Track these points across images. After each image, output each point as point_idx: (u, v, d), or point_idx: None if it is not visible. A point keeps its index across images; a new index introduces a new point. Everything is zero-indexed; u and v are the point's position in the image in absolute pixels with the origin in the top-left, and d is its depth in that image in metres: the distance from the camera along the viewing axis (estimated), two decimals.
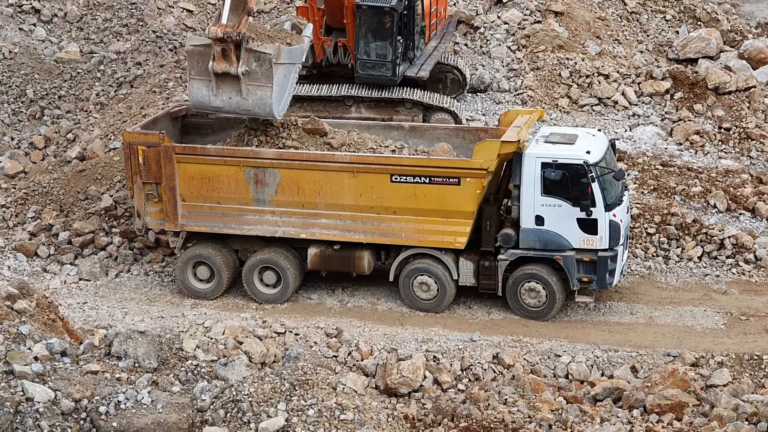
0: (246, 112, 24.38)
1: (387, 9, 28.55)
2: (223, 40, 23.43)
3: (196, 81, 24.36)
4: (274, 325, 23.50)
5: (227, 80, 23.90)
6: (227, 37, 23.39)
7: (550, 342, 23.19)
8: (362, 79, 29.42)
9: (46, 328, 18.34)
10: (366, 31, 28.92)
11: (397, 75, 29.20)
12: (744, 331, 23.62)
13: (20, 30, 34.27)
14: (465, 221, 23.80)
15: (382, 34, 28.89)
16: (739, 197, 27.68)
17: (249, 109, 24.19)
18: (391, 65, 29.05)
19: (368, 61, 29.20)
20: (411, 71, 29.55)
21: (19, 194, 28.67)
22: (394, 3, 28.47)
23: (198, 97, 24.48)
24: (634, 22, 35.69)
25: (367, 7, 28.64)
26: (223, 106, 24.36)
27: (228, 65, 23.69)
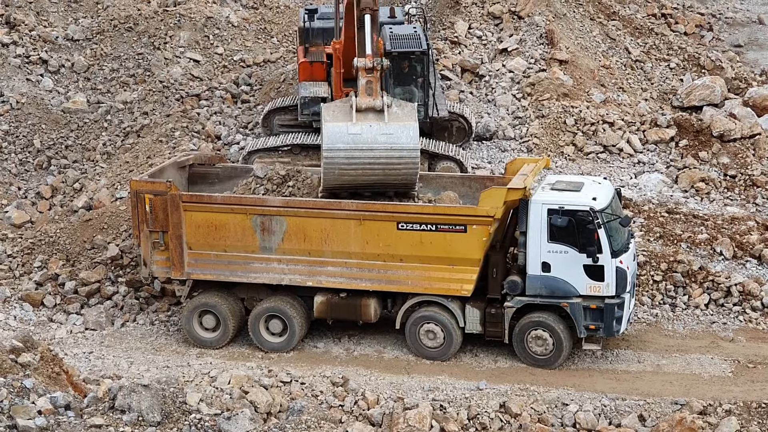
0: (384, 144, 23.59)
1: (418, 54, 28.71)
2: (372, 69, 23.55)
3: (330, 123, 23.82)
4: (280, 374, 23.41)
5: (369, 114, 23.72)
6: (377, 65, 23.54)
7: (557, 390, 23.08)
8: None
9: (50, 381, 18.29)
10: (395, 77, 28.96)
11: (429, 117, 29.27)
12: (752, 379, 23.51)
13: (28, 80, 34.49)
14: (471, 268, 23.78)
15: (411, 79, 28.97)
16: (745, 244, 27.66)
17: (390, 134, 23.64)
18: (423, 108, 29.10)
19: None
20: (433, 111, 29.62)
21: (26, 244, 28.71)
22: (425, 47, 28.64)
23: (333, 131, 23.61)
24: (638, 71, 35.85)
25: (398, 53, 28.75)
26: (361, 132, 23.58)
27: (372, 99, 23.64)
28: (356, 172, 23.76)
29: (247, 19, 38.41)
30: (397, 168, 23.74)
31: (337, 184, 24.14)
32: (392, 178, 24.03)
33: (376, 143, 23.56)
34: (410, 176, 24.01)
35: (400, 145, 23.54)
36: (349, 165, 23.64)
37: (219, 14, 37.66)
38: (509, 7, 35.94)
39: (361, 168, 23.70)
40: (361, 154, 23.55)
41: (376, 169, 23.71)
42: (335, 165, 23.66)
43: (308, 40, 30.95)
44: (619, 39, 36.65)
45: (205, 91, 34.30)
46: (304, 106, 29.81)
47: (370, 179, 24.00)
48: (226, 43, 36.66)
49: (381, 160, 23.60)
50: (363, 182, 24.10)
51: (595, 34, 36.42)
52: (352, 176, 23.86)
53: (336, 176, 23.87)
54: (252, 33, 37.70)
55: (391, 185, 24.38)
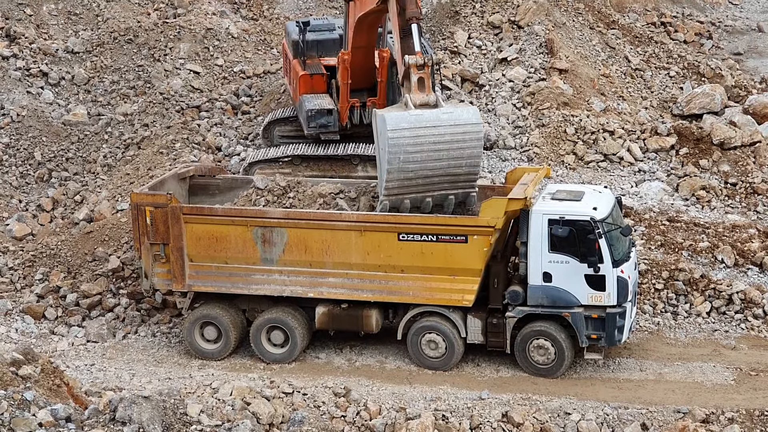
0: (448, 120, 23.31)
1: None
2: (423, 66, 23.55)
3: (388, 112, 23.68)
4: (282, 385, 23.38)
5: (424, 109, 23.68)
6: (428, 61, 23.56)
7: (559, 400, 23.07)
8: None
9: (50, 393, 18.27)
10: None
11: None
12: (754, 387, 23.50)
13: (28, 93, 34.52)
14: (473, 279, 23.78)
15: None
16: (746, 252, 27.65)
17: (451, 112, 23.47)
18: None
19: None
20: None
21: (27, 256, 28.72)
22: (435, 58, 28.60)
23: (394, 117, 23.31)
24: (638, 79, 35.87)
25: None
26: (422, 113, 23.32)
27: (425, 95, 23.61)
28: (422, 156, 23.29)
29: (247, 30, 38.46)
30: (463, 147, 23.40)
31: (401, 177, 23.56)
32: (457, 163, 23.55)
33: (439, 120, 23.30)
34: (475, 158, 23.73)
35: (464, 120, 23.40)
36: (415, 147, 23.20)
37: (219, 26, 37.71)
38: (509, 16, 35.97)
39: (427, 150, 23.26)
40: (426, 132, 23.17)
41: (441, 150, 23.31)
42: (401, 148, 23.15)
43: (303, 53, 30.91)
44: (618, 48, 36.68)
45: (206, 102, 34.34)
46: (310, 119, 29.69)
47: (436, 166, 23.47)
48: (226, 55, 36.70)
49: (446, 137, 23.27)
50: (428, 173, 23.54)
51: (594, 43, 36.45)
52: (418, 163, 23.34)
53: (401, 165, 23.30)
54: (252, 44, 37.74)
55: (455, 176, 23.82)
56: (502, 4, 36.19)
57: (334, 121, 29.52)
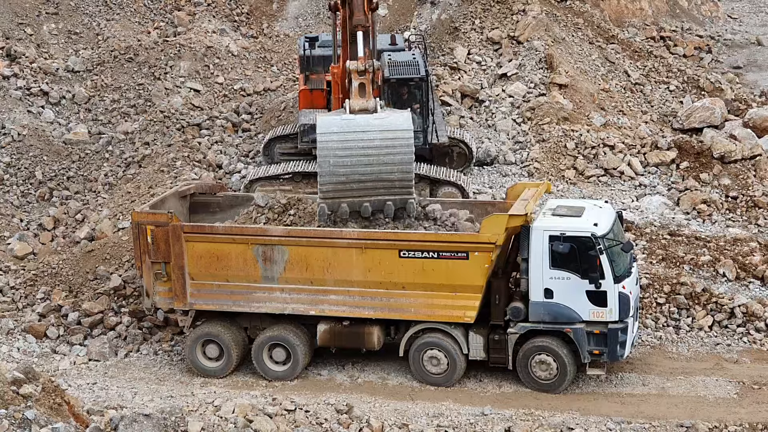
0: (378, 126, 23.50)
1: (417, 80, 28.80)
2: (364, 72, 23.66)
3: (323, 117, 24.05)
4: (284, 402, 23.37)
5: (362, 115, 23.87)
6: (368, 67, 23.66)
7: (562, 415, 23.04)
8: None
9: (52, 412, 18.26)
10: (395, 103, 29.03)
11: (428, 143, 29.31)
12: (757, 401, 23.48)
13: (29, 112, 34.58)
14: (474, 295, 23.77)
15: (411, 105, 29.03)
16: (748, 265, 27.65)
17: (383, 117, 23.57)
18: (422, 134, 29.17)
19: None
20: (432, 138, 29.66)
21: (29, 275, 28.73)
22: (423, 73, 28.72)
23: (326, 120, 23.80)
24: (638, 93, 35.92)
25: (397, 80, 28.84)
26: (354, 118, 23.60)
27: (365, 101, 23.75)
28: (352, 161, 23.48)
29: (247, 48, 38.55)
30: (393, 153, 23.46)
31: (333, 181, 23.79)
32: (389, 169, 23.65)
33: (370, 125, 23.46)
34: (406, 165, 23.69)
35: (394, 126, 23.44)
36: (344, 151, 23.42)
37: (219, 44, 37.80)
38: (508, 32, 36.07)
39: (357, 155, 23.44)
40: (355, 137, 23.38)
41: (371, 156, 23.44)
42: (330, 151, 23.46)
43: (309, 68, 31.05)
44: (618, 62, 36.75)
45: (206, 120, 34.39)
46: (303, 133, 29.88)
47: (367, 171, 23.64)
48: (226, 73, 36.78)
49: (376, 143, 23.38)
50: (360, 178, 23.72)
51: (594, 58, 36.53)
52: (348, 168, 23.57)
53: (332, 168, 23.60)
54: (252, 62, 37.83)
55: (389, 181, 23.91)
56: (502, 19, 36.29)
57: None
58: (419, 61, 29.29)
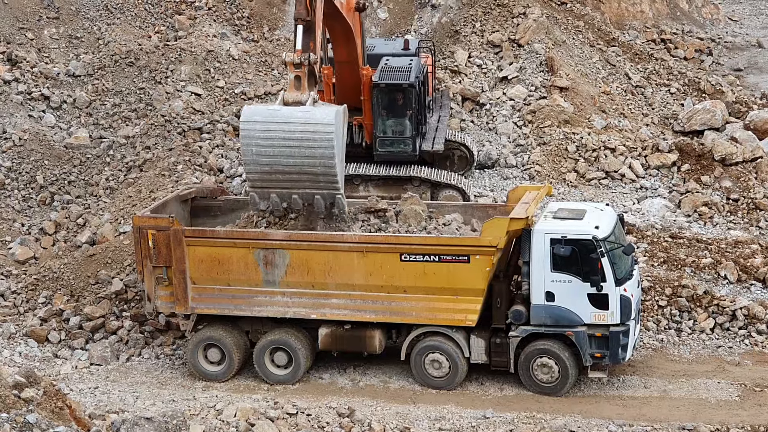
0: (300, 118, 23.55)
1: (405, 86, 28.80)
2: (299, 65, 23.69)
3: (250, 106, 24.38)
4: (285, 406, 23.39)
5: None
6: (304, 61, 23.68)
7: (564, 418, 23.05)
8: (381, 156, 29.51)
9: (53, 416, 18.28)
10: (384, 109, 29.07)
11: (416, 150, 29.32)
12: (759, 403, 23.47)
13: (30, 117, 34.57)
14: (475, 299, 23.77)
15: (401, 111, 29.08)
16: (749, 268, 27.65)
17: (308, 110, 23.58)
18: (410, 141, 29.23)
19: (387, 139, 29.33)
20: (426, 145, 29.70)
21: (30, 280, 28.75)
22: (412, 79, 28.71)
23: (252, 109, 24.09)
24: (639, 96, 35.92)
25: (385, 85, 28.87)
26: (280, 109, 23.73)
27: (299, 93, 23.79)
28: (274, 151, 23.53)
29: (248, 51, 38.53)
30: (313, 146, 23.41)
31: (258, 170, 23.87)
32: (311, 162, 23.58)
33: (292, 117, 23.47)
34: (327, 159, 23.56)
35: (316, 119, 23.40)
36: (266, 141, 23.49)
37: (220, 48, 37.78)
38: (509, 35, 36.06)
39: (279, 146, 23.48)
40: (277, 128, 23.43)
41: (293, 147, 23.44)
42: (252, 140, 23.57)
43: None
44: (619, 65, 36.75)
45: (207, 124, 34.39)
46: None
47: (290, 162, 23.61)
48: (227, 76, 36.77)
49: (296, 134, 23.38)
50: (284, 169, 23.72)
51: (594, 61, 36.53)
52: (271, 158, 23.60)
53: (255, 156, 23.68)
54: (253, 66, 37.80)
55: (314, 175, 23.84)
56: (502, 23, 36.29)
57: None
58: (413, 68, 29.17)
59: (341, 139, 23.93)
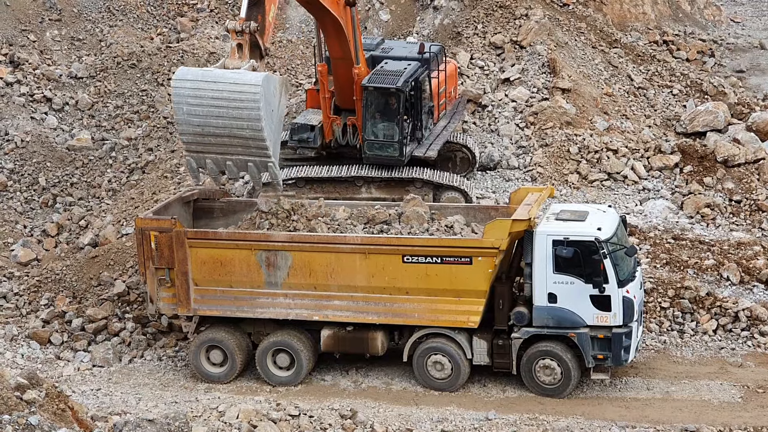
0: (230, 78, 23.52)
1: (393, 90, 28.65)
2: (241, 32, 23.83)
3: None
4: (288, 407, 23.39)
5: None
6: (245, 28, 23.79)
7: (566, 420, 23.04)
8: (369, 159, 29.46)
9: (55, 417, 18.26)
10: (373, 111, 29.02)
11: (404, 155, 29.24)
12: (761, 404, 23.46)
13: (32, 119, 34.60)
14: (477, 300, 23.78)
15: (389, 115, 28.96)
16: (752, 269, 27.64)
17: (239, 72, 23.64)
18: (398, 146, 29.03)
19: (375, 142, 29.21)
20: (419, 151, 29.61)
21: (32, 282, 28.76)
22: (400, 84, 28.60)
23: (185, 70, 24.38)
24: (641, 97, 35.87)
25: (374, 88, 28.80)
26: (212, 70, 24.07)
27: (240, 61, 23.93)
28: (203, 110, 23.45)
29: None
30: (240, 108, 23.28)
31: (191, 131, 23.78)
32: (239, 125, 23.39)
33: (222, 78, 23.49)
34: (254, 122, 23.33)
35: (243, 81, 23.34)
36: (196, 99, 23.44)
37: (221, 49, 37.77)
38: (511, 36, 36.01)
39: (208, 106, 23.40)
40: (207, 87, 23.39)
41: (221, 108, 23.34)
42: (183, 99, 23.54)
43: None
44: (621, 66, 36.71)
45: None
46: (293, 132, 30.02)
47: (219, 124, 23.46)
48: None
49: (224, 95, 23.29)
50: (215, 131, 23.58)
51: (597, 62, 36.49)
52: (201, 118, 23.49)
53: (186, 116, 23.62)
54: None
55: (243, 139, 23.63)
56: (504, 24, 36.24)
57: (314, 137, 29.68)
58: (405, 73, 28.96)
59: (276, 106, 23.90)
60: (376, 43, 32.03)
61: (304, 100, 33.91)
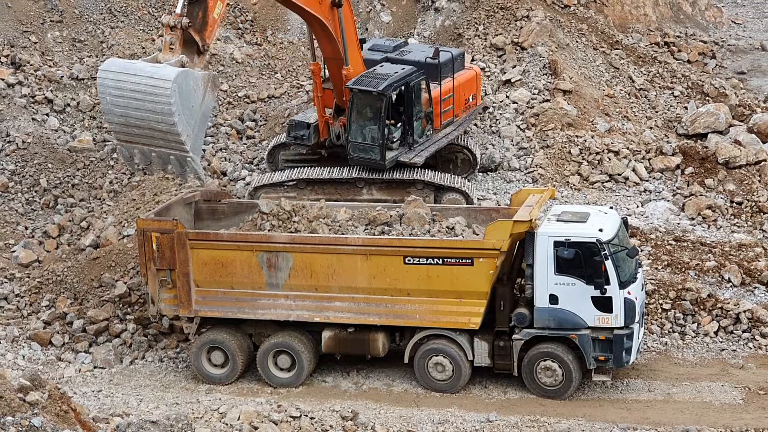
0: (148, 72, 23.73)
1: (375, 93, 28.41)
2: (173, 28, 24.09)
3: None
4: (289, 409, 23.38)
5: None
6: (177, 24, 24.03)
7: (568, 421, 23.03)
8: (354, 161, 29.39)
9: (58, 419, 18.26)
10: (357, 114, 28.89)
11: (385, 160, 28.97)
12: (763, 406, 23.46)
13: (33, 120, 34.59)
14: (479, 301, 23.78)
15: (372, 118, 28.75)
16: (753, 271, 27.64)
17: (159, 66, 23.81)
18: (378, 149, 28.81)
19: (358, 144, 29.10)
20: (405, 156, 29.34)
21: (34, 283, 28.76)
22: (381, 88, 28.34)
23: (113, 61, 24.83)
24: (642, 99, 35.88)
25: (358, 90, 28.68)
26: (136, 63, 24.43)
27: (172, 55, 24.14)
28: (123, 102, 23.72)
29: (251, 55, 38.56)
30: (154, 101, 23.46)
31: (115, 121, 24.13)
32: (155, 118, 23.57)
33: (141, 70, 23.75)
34: (167, 116, 23.49)
35: (159, 75, 23.55)
36: (117, 90, 23.77)
37: (223, 51, 37.81)
38: (512, 38, 36.02)
39: (127, 97, 23.67)
40: (127, 79, 23.67)
41: (138, 100, 23.57)
42: (106, 89, 23.95)
43: None
44: (622, 68, 36.72)
45: (211, 127, 34.39)
46: (291, 128, 30.15)
47: (138, 116, 23.68)
48: (230, 80, 36.81)
49: (140, 87, 23.52)
50: (136, 123, 23.81)
51: (598, 64, 36.50)
52: (122, 108, 23.76)
53: (109, 106, 23.98)
54: (256, 69, 37.84)
55: (162, 132, 23.77)
56: (505, 26, 36.25)
57: (309, 135, 29.74)
58: (392, 77, 28.73)
59: (197, 102, 24.02)
60: (395, 45, 31.90)
61: (305, 101, 34.01)
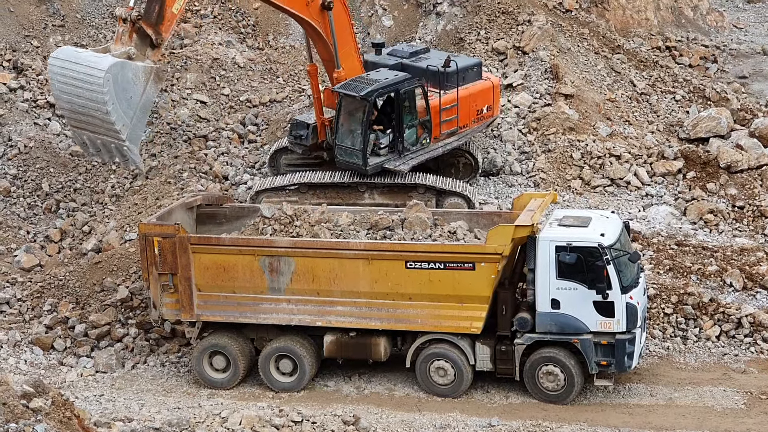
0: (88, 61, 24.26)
1: (358, 98, 28.39)
2: (125, 20, 24.63)
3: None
4: (291, 413, 23.40)
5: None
6: (127, 16, 24.56)
7: (570, 426, 23.03)
8: (341, 164, 29.39)
9: (61, 426, 18.29)
10: (342, 117, 28.90)
11: (368, 165, 28.92)
12: (765, 411, 23.46)
13: (35, 124, 34.59)
14: (480, 306, 23.78)
15: (354, 123, 28.74)
16: (755, 275, 27.63)
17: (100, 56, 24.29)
18: (360, 154, 28.71)
19: (343, 147, 29.11)
20: (391, 164, 29.28)
21: (35, 287, 28.76)
22: (364, 93, 28.27)
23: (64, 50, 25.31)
24: (644, 103, 35.88)
25: (343, 94, 28.69)
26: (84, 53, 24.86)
27: (122, 47, 24.62)
28: (67, 89, 24.46)
29: (253, 59, 38.55)
30: (88, 89, 24.14)
31: (63, 107, 25.00)
32: (92, 106, 24.23)
33: (82, 59, 24.39)
34: (100, 105, 24.14)
35: (94, 64, 24.16)
36: (62, 78, 24.48)
37: (225, 55, 37.81)
38: (513, 42, 36.03)
39: (69, 85, 24.36)
40: (69, 67, 24.33)
41: (78, 88, 24.28)
42: (54, 76, 24.69)
43: None
44: (624, 72, 36.72)
45: (212, 131, 34.42)
46: (291, 127, 30.20)
47: (79, 103, 24.40)
48: (232, 84, 36.80)
49: (78, 75, 24.22)
50: (79, 110, 24.49)
51: (599, 68, 36.51)
52: (67, 95, 24.52)
53: (57, 92, 24.84)
54: (258, 73, 37.83)
55: (99, 119, 24.39)
56: (507, 30, 36.26)
57: (307, 136, 29.80)
58: (378, 83, 28.57)
59: (137, 93, 24.58)
60: (413, 51, 31.63)
61: (306, 105, 34.02)
